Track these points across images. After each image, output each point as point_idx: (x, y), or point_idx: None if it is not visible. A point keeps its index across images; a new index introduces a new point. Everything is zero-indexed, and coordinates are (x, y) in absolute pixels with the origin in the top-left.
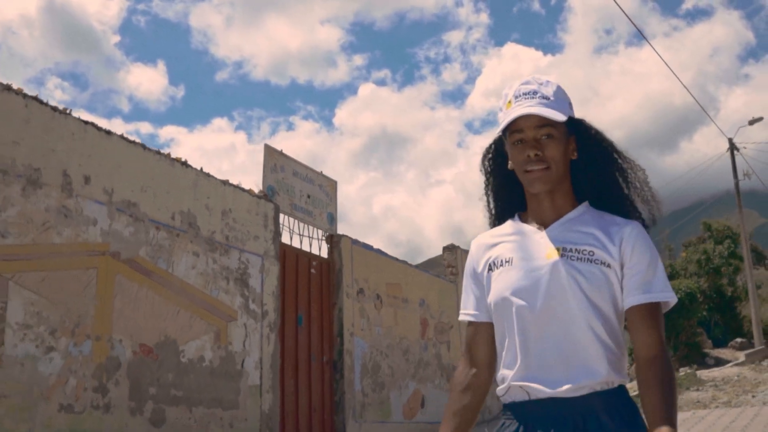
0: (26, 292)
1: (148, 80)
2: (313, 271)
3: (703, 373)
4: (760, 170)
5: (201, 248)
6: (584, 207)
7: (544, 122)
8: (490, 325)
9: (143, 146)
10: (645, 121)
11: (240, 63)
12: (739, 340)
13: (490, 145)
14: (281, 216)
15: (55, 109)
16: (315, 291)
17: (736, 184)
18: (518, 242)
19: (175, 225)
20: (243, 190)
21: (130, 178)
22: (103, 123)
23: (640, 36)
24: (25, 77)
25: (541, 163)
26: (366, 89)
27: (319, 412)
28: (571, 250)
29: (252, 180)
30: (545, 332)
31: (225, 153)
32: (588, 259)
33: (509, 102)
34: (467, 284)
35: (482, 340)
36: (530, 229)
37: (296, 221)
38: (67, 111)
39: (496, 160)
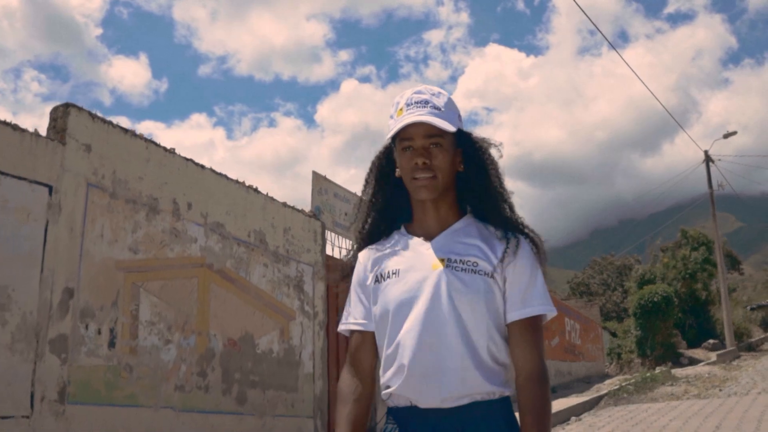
0: (151, 296)
1: (131, 73)
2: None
3: (677, 371)
4: (738, 175)
5: (269, 260)
6: (469, 218)
7: (433, 132)
8: (375, 335)
9: (227, 177)
10: (628, 123)
11: (224, 58)
12: (711, 341)
13: (381, 152)
14: (326, 232)
15: (165, 149)
16: (341, 298)
17: (711, 194)
18: (405, 254)
19: (250, 241)
20: (298, 210)
21: (218, 203)
22: None
23: (623, 38)
24: (2, 68)
25: (428, 171)
26: (348, 86)
27: None
28: (455, 261)
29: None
30: (426, 342)
31: (204, 149)
32: (472, 269)
33: (400, 110)
34: (354, 294)
35: (368, 350)
36: (416, 240)
37: (337, 236)
38: (174, 150)
39: (385, 168)
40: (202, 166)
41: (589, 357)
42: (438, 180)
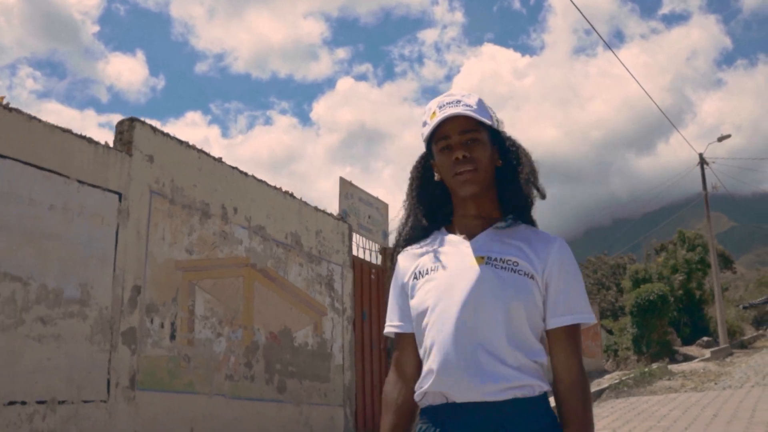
0: (205, 293)
1: (128, 71)
2: (372, 277)
3: (674, 367)
4: (731, 177)
5: (304, 260)
6: (511, 219)
7: (469, 127)
8: (415, 336)
9: (266, 184)
10: (623, 122)
11: (221, 55)
12: (705, 338)
13: (418, 162)
14: (353, 234)
15: (214, 158)
16: (374, 293)
17: (706, 196)
18: (444, 251)
19: (287, 243)
20: (328, 214)
21: (260, 208)
22: (74, 114)
23: (619, 37)
24: None
25: (470, 164)
26: (345, 84)
27: (379, 387)
28: (495, 260)
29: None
30: (464, 338)
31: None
32: (512, 269)
33: (433, 113)
34: (392, 297)
35: (410, 352)
36: (456, 239)
37: (361, 237)
38: (221, 159)
39: (424, 174)
40: (246, 174)
41: (589, 354)
42: (479, 173)
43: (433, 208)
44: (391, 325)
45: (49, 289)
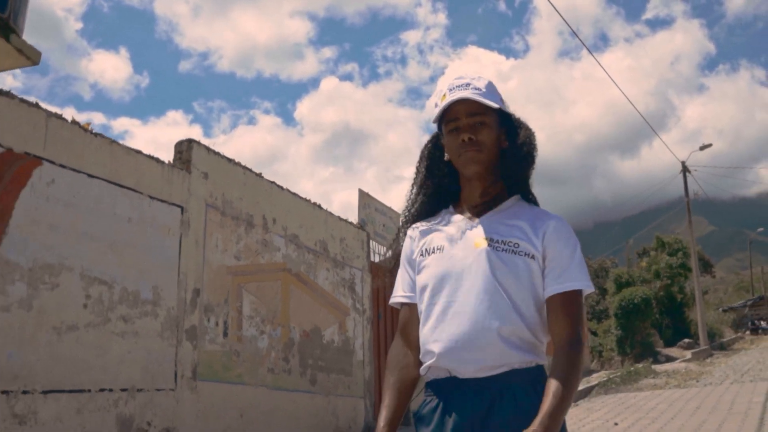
0: (250, 296)
1: (111, 68)
2: (387, 280)
3: (657, 367)
4: (710, 183)
5: (330, 265)
6: (514, 199)
7: (477, 110)
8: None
9: (298, 196)
10: (608, 126)
11: (205, 54)
12: (686, 340)
13: (429, 140)
14: (370, 241)
15: (256, 174)
16: (388, 295)
17: (688, 203)
18: (450, 231)
19: (317, 249)
20: (350, 223)
21: (294, 218)
22: (55, 111)
23: (604, 40)
24: None
25: (475, 146)
26: (329, 84)
27: None
28: (497, 242)
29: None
30: (465, 316)
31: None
32: (513, 250)
33: (443, 96)
34: (402, 269)
35: (416, 322)
36: (462, 218)
37: (377, 244)
38: (261, 175)
39: (434, 155)
40: (281, 187)
41: None
42: (483, 154)
43: (442, 186)
44: (402, 295)
45: (128, 291)
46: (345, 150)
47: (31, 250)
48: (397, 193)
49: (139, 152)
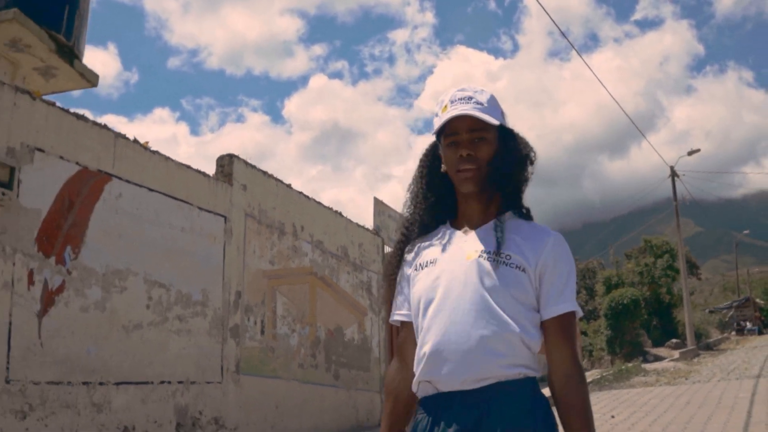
0: (283, 297)
1: (100, 64)
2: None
3: (647, 366)
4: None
5: (350, 269)
6: (509, 214)
7: (477, 125)
8: None
9: (322, 205)
10: (597, 126)
11: (195, 51)
12: (674, 340)
13: (428, 150)
14: (384, 246)
15: (285, 185)
16: None
17: (676, 207)
18: (444, 245)
19: (338, 254)
20: (366, 229)
21: (319, 225)
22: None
23: (594, 40)
24: None
25: (473, 163)
26: (318, 81)
27: None
28: (489, 253)
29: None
30: (452, 329)
31: (167, 144)
32: (504, 262)
33: (445, 107)
34: (400, 286)
35: (413, 340)
36: (457, 233)
37: (390, 249)
38: (290, 185)
39: (432, 165)
40: (307, 197)
41: None
42: (481, 171)
43: (439, 198)
44: (398, 313)
45: (183, 293)
46: (333, 148)
47: (104, 257)
48: (387, 192)
49: (188, 167)
